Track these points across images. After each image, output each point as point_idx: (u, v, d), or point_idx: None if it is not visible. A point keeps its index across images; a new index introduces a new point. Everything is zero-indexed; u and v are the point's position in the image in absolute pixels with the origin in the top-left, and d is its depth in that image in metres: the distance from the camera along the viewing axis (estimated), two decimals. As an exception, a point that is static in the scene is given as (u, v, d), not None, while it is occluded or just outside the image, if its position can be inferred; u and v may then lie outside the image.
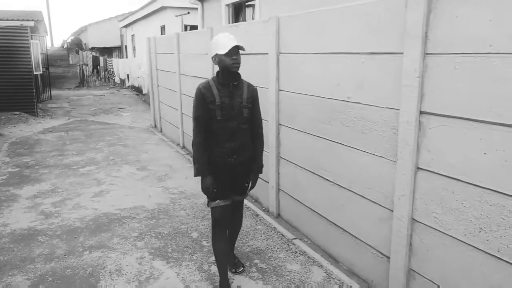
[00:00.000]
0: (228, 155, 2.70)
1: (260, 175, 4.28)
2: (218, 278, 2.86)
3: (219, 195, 2.75)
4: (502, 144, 1.92)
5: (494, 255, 2.01)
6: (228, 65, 2.60)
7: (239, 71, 2.69)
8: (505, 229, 1.95)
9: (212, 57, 2.67)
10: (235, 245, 3.34)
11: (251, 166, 2.87)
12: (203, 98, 2.65)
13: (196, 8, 10.46)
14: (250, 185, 2.93)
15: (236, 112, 2.67)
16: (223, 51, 2.57)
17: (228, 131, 2.67)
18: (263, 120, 4.06)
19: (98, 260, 3.30)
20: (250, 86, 2.80)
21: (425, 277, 2.42)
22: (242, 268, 3.11)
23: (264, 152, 4.16)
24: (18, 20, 12.61)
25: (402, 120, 2.41)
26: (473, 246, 2.11)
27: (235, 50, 2.60)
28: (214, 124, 2.67)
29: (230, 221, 2.95)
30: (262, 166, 2.94)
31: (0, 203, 4.59)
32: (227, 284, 2.82)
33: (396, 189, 2.51)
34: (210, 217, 2.93)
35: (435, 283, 2.35)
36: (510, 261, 1.94)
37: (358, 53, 2.76)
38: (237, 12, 8.39)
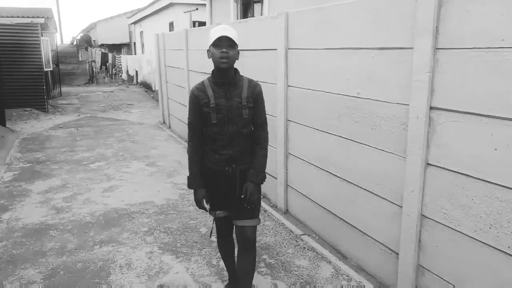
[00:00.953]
0: (226, 162, 2.38)
1: (268, 171, 4.31)
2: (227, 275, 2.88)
3: (218, 206, 2.48)
4: (514, 139, 1.90)
5: (504, 251, 1.99)
6: (216, 60, 2.25)
7: (237, 67, 2.38)
8: (516, 225, 1.93)
9: (207, 51, 2.34)
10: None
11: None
12: (196, 100, 2.36)
13: (205, 5, 10.47)
14: (247, 195, 2.38)
15: (234, 114, 2.33)
16: (211, 41, 2.24)
17: (226, 136, 2.35)
18: (271, 116, 4.09)
19: (108, 255, 3.34)
20: (251, 82, 2.42)
21: (434, 273, 2.41)
22: None
23: (272, 148, 4.19)
24: (28, 17, 12.75)
25: (412, 116, 2.39)
26: (483, 242, 2.09)
27: (227, 43, 2.22)
28: (210, 128, 2.37)
29: (231, 232, 2.62)
30: (261, 175, 2.44)
31: (13, 198, 4.67)
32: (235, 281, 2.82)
33: (405, 185, 2.50)
34: None
35: (444, 280, 2.35)
36: (521, 258, 1.93)
37: (368, 48, 2.74)
38: (246, 8, 8.38)
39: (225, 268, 3.00)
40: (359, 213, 3.03)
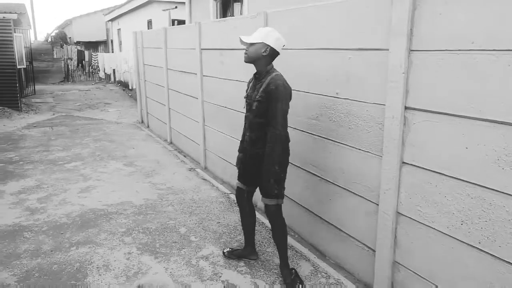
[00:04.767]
0: (245, 143, 2.91)
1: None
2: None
3: (239, 175, 3.05)
4: (483, 138, 1.97)
5: (475, 247, 2.07)
6: None
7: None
8: (486, 221, 2.01)
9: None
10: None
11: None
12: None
13: (184, 3, 10.38)
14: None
15: (251, 104, 2.80)
16: None
17: (246, 122, 2.89)
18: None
19: (85, 256, 3.28)
20: (271, 80, 2.68)
21: (409, 269, 2.48)
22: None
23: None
24: (0, 13, 12.31)
25: (387, 116, 2.45)
26: (455, 238, 2.17)
27: (245, 43, 2.75)
28: (245, 112, 2.93)
29: (245, 202, 3.11)
30: (270, 171, 2.65)
31: (-16, 199, 4.52)
32: (250, 251, 3.24)
33: (381, 183, 2.56)
34: (196, 212, 2.77)
35: (419, 275, 2.42)
36: (490, 252, 2.00)
37: (346, 49, 2.79)
38: (225, 7, 8.37)
39: (205, 267, 2.99)
40: (337, 211, 3.08)
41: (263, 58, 2.72)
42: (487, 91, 1.93)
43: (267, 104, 2.66)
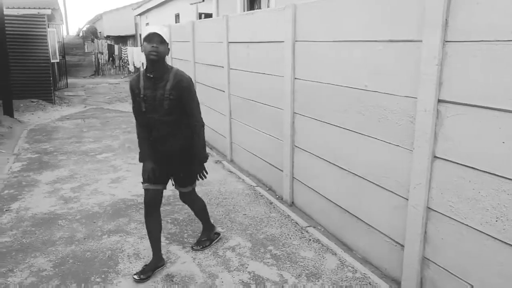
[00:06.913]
0: (155, 143, 2.86)
1: (274, 164, 4.35)
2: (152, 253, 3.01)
3: (150, 179, 2.91)
4: (522, 133, 1.90)
5: (510, 244, 2.00)
6: (146, 53, 2.62)
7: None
8: (523, 218, 1.94)
9: (141, 46, 2.71)
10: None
11: (187, 156, 2.92)
12: (131, 90, 2.81)
13: (211, -4, 10.41)
14: (191, 174, 3.00)
15: (157, 104, 2.73)
16: (144, 36, 2.62)
17: (151, 122, 2.80)
18: (277, 109, 4.10)
19: (116, 244, 3.39)
20: (177, 77, 2.75)
21: (439, 266, 2.43)
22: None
23: (278, 141, 4.21)
24: (35, 8, 12.73)
25: (419, 109, 2.39)
26: (489, 235, 2.10)
27: (157, 39, 2.60)
28: (143, 115, 2.81)
29: (158, 205, 3.05)
30: (201, 157, 2.94)
31: (22, 188, 4.73)
32: (159, 258, 3.00)
33: (412, 177, 2.51)
34: (223, 204, 2.87)
35: (450, 272, 2.36)
36: (526, 251, 1.94)
37: (376, 41, 2.73)
38: (252, 0, 8.34)
39: (232, 257, 3.03)
40: (365, 205, 3.05)
41: None
42: (527, 83, 1.85)
43: (183, 100, 2.81)
